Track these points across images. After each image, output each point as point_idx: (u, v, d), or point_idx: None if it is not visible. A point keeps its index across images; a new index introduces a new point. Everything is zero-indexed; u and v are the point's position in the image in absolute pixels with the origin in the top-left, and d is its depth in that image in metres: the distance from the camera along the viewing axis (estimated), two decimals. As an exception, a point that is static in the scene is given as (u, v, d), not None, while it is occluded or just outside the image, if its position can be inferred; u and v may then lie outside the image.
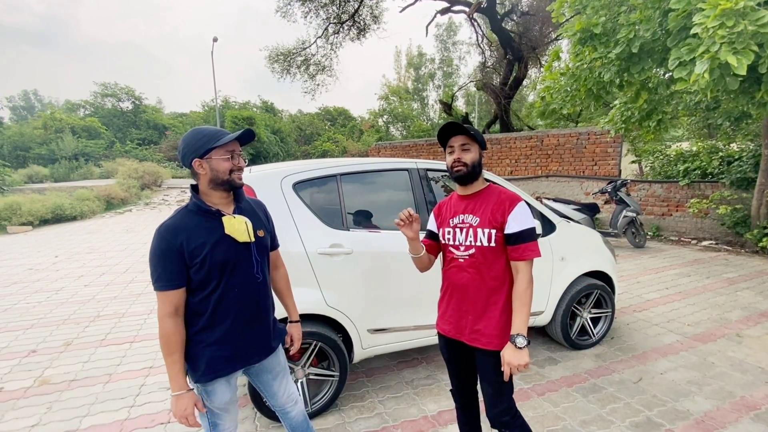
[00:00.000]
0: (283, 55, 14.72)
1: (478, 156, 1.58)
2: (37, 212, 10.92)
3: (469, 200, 1.63)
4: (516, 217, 1.50)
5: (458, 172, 1.58)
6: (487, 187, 1.64)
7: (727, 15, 3.12)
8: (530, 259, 1.50)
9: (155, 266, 1.30)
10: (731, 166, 7.09)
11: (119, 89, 32.57)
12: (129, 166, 17.40)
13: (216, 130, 1.37)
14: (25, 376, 2.99)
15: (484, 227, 1.54)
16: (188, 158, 1.35)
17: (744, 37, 3.09)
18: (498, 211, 1.53)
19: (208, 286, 1.36)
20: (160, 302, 1.31)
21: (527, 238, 1.49)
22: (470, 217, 1.59)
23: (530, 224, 1.51)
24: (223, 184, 1.37)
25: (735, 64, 3.06)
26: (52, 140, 25.07)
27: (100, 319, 4.12)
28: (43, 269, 6.20)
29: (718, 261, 5.93)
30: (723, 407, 2.44)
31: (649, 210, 7.92)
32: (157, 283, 1.30)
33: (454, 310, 1.63)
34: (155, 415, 2.47)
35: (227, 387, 1.45)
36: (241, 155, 1.41)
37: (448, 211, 1.69)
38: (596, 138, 8.88)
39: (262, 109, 34.27)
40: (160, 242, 1.30)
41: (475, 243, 1.55)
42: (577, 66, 5.05)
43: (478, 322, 1.56)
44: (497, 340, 1.52)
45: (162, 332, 1.31)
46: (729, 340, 3.36)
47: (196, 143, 1.33)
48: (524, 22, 13.65)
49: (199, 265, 1.32)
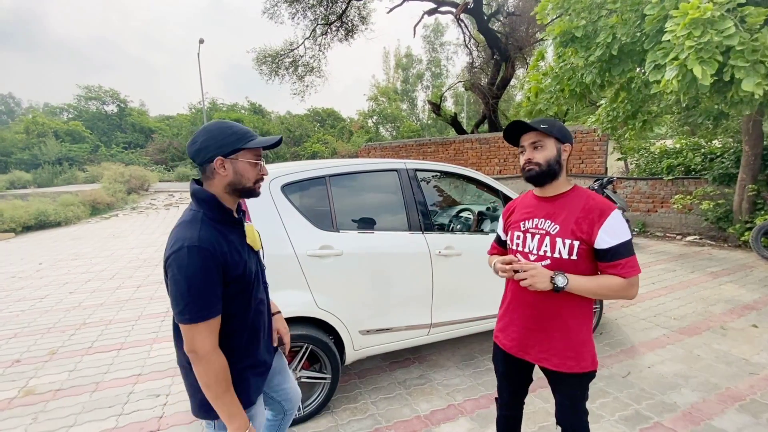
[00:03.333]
0: (271, 56, 14.62)
1: (555, 153, 1.37)
2: (19, 219, 10.65)
3: (547, 203, 1.42)
4: (609, 229, 1.29)
5: (529, 172, 1.38)
6: (572, 189, 1.41)
7: (695, 24, 3.22)
8: (631, 278, 1.30)
9: (200, 291, 1.08)
10: (713, 162, 7.26)
11: (103, 92, 32.04)
12: (115, 170, 17.09)
13: (246, 129, 1.20)
14: (9, 387, 2.91)
15: (566, 237, 1.33)
16: (209, 153, 1.15)
17: (710, 47, 3.18)
18: (585, 220, 1.32)
19: (245, 303, 1.23)
20: (201, 336, 1.08)
21: (624, 252, 1.29)
22: (548, 223, 1.39)
23: (626, 236, 1.30)
24: (244, 191, 1.21)
25: (699, 75, 3.16)
26: (34, 145, 24.55)
27: (86, 326, 4.04)
28: (27, 277, 6.05)
29: (702, 255, 6.06)
30: (709, 399, 2.50)
31: (635, 207, 8.06)
32: (200, 312, 1.08)
33: (519, 326, 1.47)
34: (144, 423, 2.43)
35: (261, 402, 1.38)
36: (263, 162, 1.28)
37: (520, 213, 1.49)
38: (582, 136, 9.01)
39: (250, 111, 34.00)
40: (206, 260, 1.08)
41: (552, 254, 1.36)
42: (560, 67, 5.12)
43: (549, 341, 1.40)
44: (572, 361, 1.38)
45: (213, 371, 1.11)
46: (714, 332, 3.44)
47: (224, 139, 1.15)
48: (510, 23, 13.79)
49: (238, 281, 1.17)
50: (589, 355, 1.41)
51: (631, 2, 4.11)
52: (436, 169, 3.05)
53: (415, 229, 2.66)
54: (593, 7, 4.49)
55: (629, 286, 1.30)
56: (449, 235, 2.89)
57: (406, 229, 2.65)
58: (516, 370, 1.57)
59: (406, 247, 2.61)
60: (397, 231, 2.64)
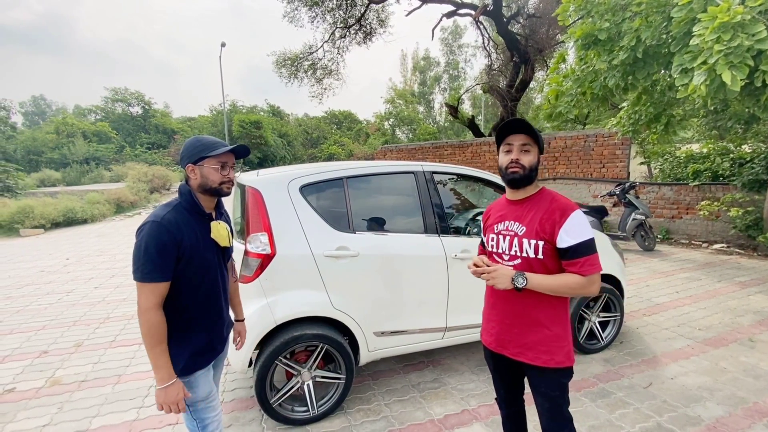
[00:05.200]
0: (291, 59, 14.83)
1: (536, 160, 1.43)
2: (49, 215, 11.10)
3: (516, 206, 1.49)
4: (569, 229, 1.35)
5: (514, 174, 1.42)
6: (538, 192, 1.47)
7: (724, 28, 3.11)
8: (590, 275, 1.36)
9: (151, 257, 1.31)
10: (743, 167, 6.98)
11: (129, 94, 33.17)
12: (138, 169, 17.66)
13: (214, 140, 1.46)
14: (37, 377, 3.03)
15: (531, 238, 1.41)
16: (184, 162, 1.45)
17: (740, 51, 3.06)
18: (548, 221, 1.38)
19: (195, 283, 1.44)
20: (145, 294, 1.32)
21: (584, 251, 1.35)
22: (515, 224, 1.46)
23: (586, 236, 1.35)
24: (211, 191, 1.46)
25: (728, 81, 3.05)
26: (64, 145, 25.56)
27: (109, 320, 4.17)
28: (55, 271, 6.29)
29: (729, 264, 5.83)
30: (735, 413, 2.40)
31: (658, 213, 7.82)
32: (148, 274, 1.31)
33: (497, 322, 1.54)
34: (164, 417, 2.49)
35: (206, 378, 1.53)
36: (233, 167, 1.50)
37: (494, 216, 1.57)
38: (604, 140, 8.81)
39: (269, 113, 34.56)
40: (161, 234, 1.33)
41: (521, 254, 1.43)
42: (582, 70, 5.03)
43: (524, 336, 1.46)
44: (546, 355, 1.43)
45: (148, 324, 1.32)
46: (741, 344, 3.30)
47: (193, 150, 1.43)
48: (530, 25, 13.60)
49: (188, 261, 1.40)
50: (563, 351, 1.44)
51: (657, 4, 4.00)
52: (452, 172, 3.03)
53: (431, 231, 2.66)
54: (617, 8, 4.39)
55: (588, 283, 1.37)
56: (465, 238, 2.87)
57: (422, 232, 2.65)
58: (504, 366, 1.60)
59: (422, 249, 2.61)
60: (413, 233, 2.64)
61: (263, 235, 2.24)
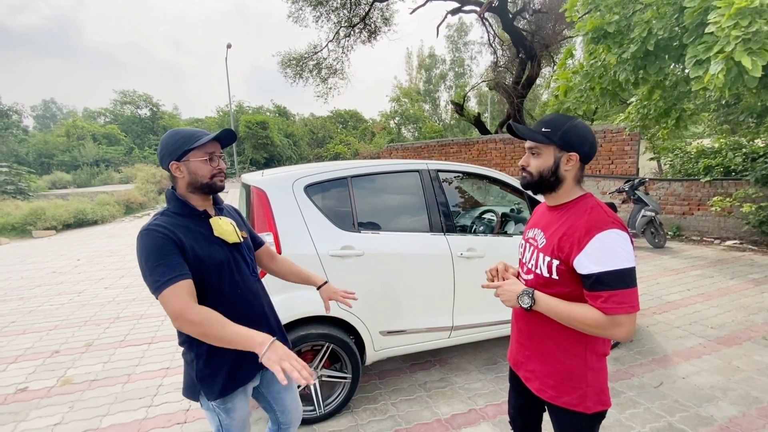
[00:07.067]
0: (296, 59, 14.87)
1: (552, 163, 1.18)
2: (60, 217, 11.28)
3: (551, 212, 1.27)
4: (591, 252, 1.07)
5: (523, 179, 1.29)
6: (578, 200, 1.20)
7: (741, 14, 3.03)
8: (614, 315, 1.05)
9: (155, 262, 1.15)
10: (756, 162, 6.85)
11: (137, 96, 33.50)
12: (147, 171, 17.89)
13: (193, 131, 1.29)
14: (49, 376, 3.08)
15: (546, 254, 1.19)
16: (165, 161, 1.27)
17: (759, 37, 2.99)
18: (568, 239, 1.12)
19: (213, 285, 1.27)
20: (170, 301, 1.13)
21: (610, 283, 1.05)
22: (541, 234, 1.25)
23: (616, 265, 1.04)
24: (203, 187, 1.29)
25: (749, 66, 2.97)
26: (74, 147, 25.93)
27: (119, 320, 4.22)
28: (66, 272, 6.39)
29: (742, 261, 5.72)
30: (749, 413, 2.35)
31: (668, 209, 7.70)
32: (162, 279, 1.13)
33: (514, 340, 1.40)
34: (172, 415, 2.51)
35: (244, 399, 1.38)
36: (221, 157, 1.33)
37: (531, 220, 1.40)
38: (612, 136, 8.70)
39: (275, 113, 34.72)
40: (155, 239, 1.17)
41: (535, 269, 1.24)
42: (591, 64, 4.95)
43: (533, 361, 1.29)
44: (552, 391, 1.22)
45: (197, 320, 1.12)
46: (755, 343, 3.24)
47: (173, 145, 1.25)
48: (537, 20, 13.47)
49: (199, 261, 1.23)
50: (577, 393, 1.18)
51: (668, -6, 3.92)
52: (458, 170, 3.01)
53: (437, 230, 2.64)
54: (627, 1, 4.32)
55: (611, 324, 1.06)
56: (471, 237, 2.84)
57: (428, 231, 2.63)
58: (519, 385, 1.42)
59: (428, 248, 2.59)
60: (418, 232, 2.63)
61: (268, 236, 2.24)
